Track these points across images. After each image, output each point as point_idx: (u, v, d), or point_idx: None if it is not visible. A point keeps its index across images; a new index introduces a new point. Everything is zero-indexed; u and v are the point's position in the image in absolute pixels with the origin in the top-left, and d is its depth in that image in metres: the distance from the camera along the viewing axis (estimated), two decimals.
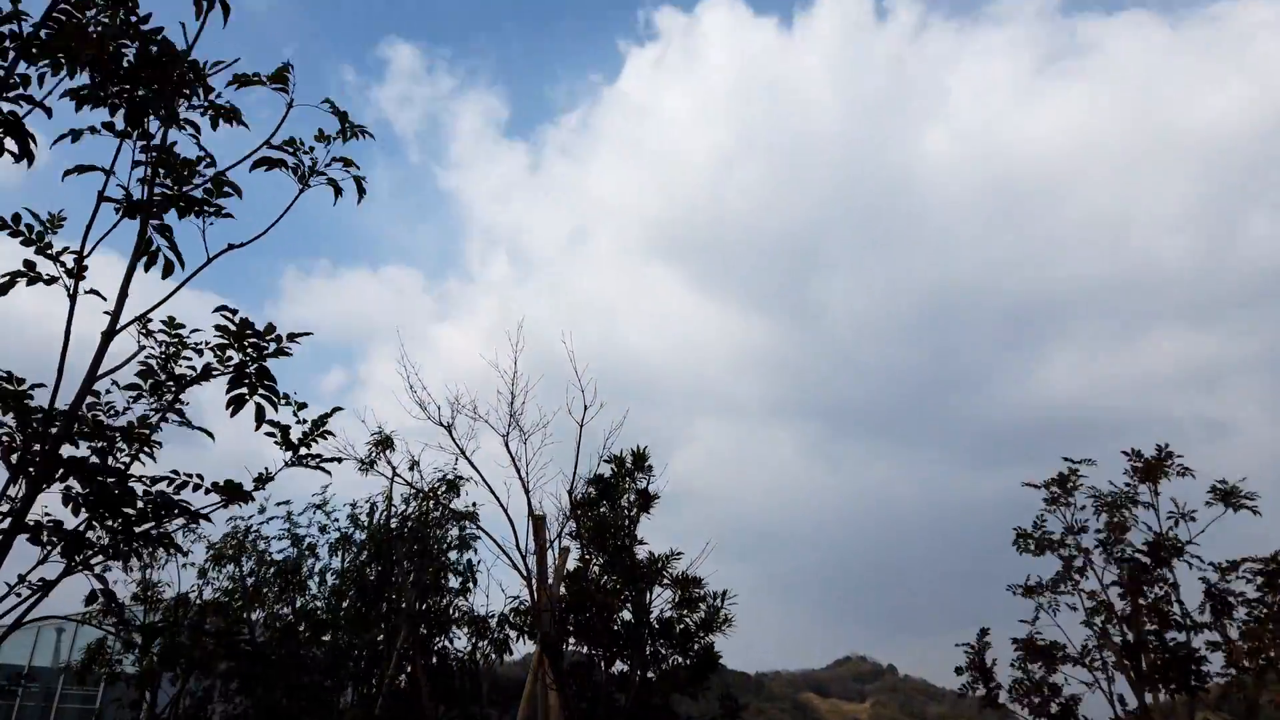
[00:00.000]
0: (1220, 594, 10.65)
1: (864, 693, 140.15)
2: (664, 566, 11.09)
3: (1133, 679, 10.81)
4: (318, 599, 13.16)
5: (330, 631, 12.81)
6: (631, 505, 11.51)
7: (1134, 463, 11.41)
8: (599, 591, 10.93)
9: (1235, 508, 10.69)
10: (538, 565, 10.80)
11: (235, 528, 13.10)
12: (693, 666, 10.73)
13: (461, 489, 12.88)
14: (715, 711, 11.14)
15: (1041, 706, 11.27)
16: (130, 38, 3.79)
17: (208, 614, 11.98)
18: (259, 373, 4.11)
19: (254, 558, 13.05)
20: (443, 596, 12.85)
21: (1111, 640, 11.09)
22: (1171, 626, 10.80)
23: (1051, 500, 12.06)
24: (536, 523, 10.92)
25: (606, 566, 11.20)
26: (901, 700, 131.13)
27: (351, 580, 12.81)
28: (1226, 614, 10.55)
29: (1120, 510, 11.43)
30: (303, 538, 13.23)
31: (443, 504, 12.80)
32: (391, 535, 12.77)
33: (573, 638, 11.21)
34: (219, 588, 13.00)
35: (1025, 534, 12.18)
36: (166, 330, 4.25)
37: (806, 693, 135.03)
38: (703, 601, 11.04)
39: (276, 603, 12.94)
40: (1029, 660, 11.62)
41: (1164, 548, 10.91)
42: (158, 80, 3.78)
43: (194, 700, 11.89)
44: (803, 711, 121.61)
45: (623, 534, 11.28)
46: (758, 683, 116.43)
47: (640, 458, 11.64)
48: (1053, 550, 11.89)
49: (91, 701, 21.07)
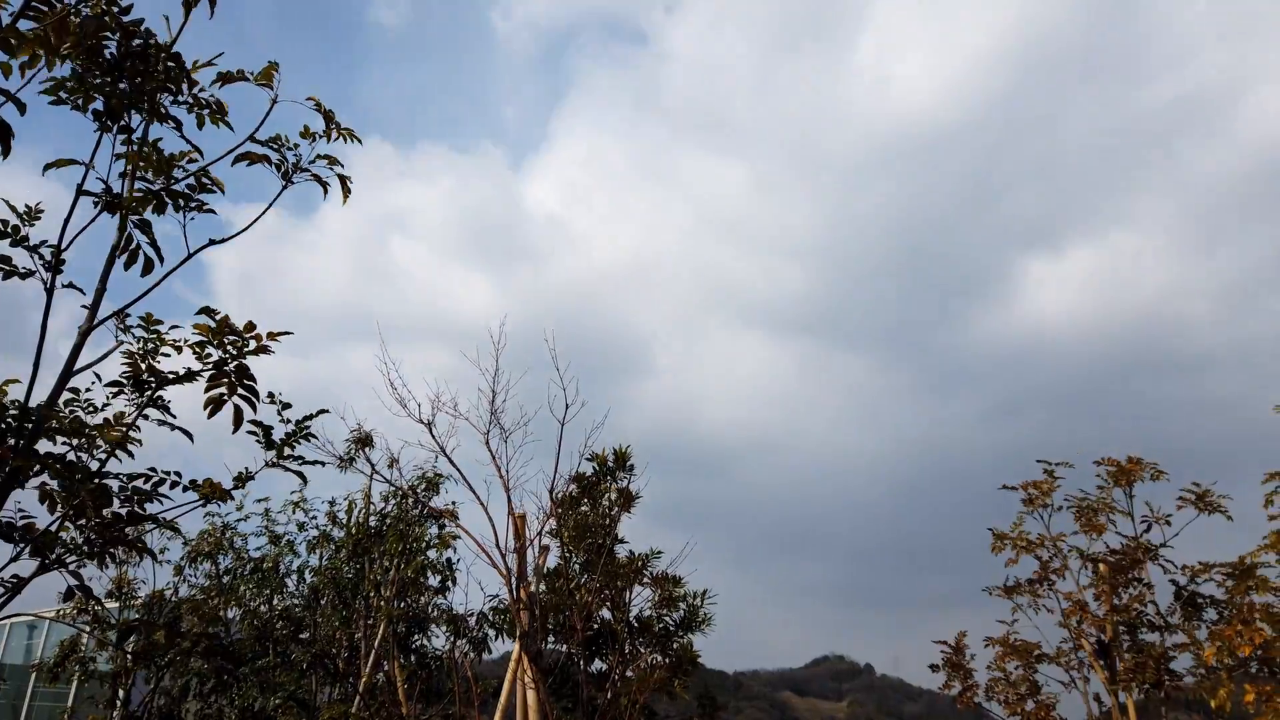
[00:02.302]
0: (1189, 595, 10.78)
1: (841, 692, 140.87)
2: (644, 565, 11.12)
3: (1105, 679, 10.93)
4: (295, 597, 13.09)
5: (308, 629, 12.74)
6: (613, 504, 11.52)
7: (1108, 466, 11.53)
8: (579, 590, 10.94)
9: (1209, 511, 10.82)
10: (517, 564, 10.76)
11: (212, 524, 13.02)
12: (671, 665, 10.76)
13: (441, 487, 12.85)
14: (694, 710, 11.17)
15: (1018, 705, 11.36)
16: (112, 29, 3.74)
17: (183, 611, 11.87)
18: (238, 370, 4.07)
19: (231, 555, 12.96)
20: (421, 595, 12.80)
21: (1086, 640, 11.20)
22: (1145, 627, 10.92)
23: (1029, 502, 12.16)
24: (517, 521, 10.88)
25: (586, 565, 11.19)
26: (878, 699, 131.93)
27: (330, 578, 12.74)
28: (1196, 615, 10.68)
29: (1097, 515, 11.54)
30: (281, 535, 13.16)
31: (422, 502, 12.74)
32: (370, 533, 12.70)
33: (552, 636, 11.20)
34: (195, 585, 12.90)
35: (1002, 535, 12.27)
36: (145, 326, 4.21)
37: (784, 692, 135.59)
38: (682, 601, 11.08)
39: (253, 600, 12.85)
40: (1006, 659, 11.71)
41: (1138, 550, 11.03)
42: (140, 74, 3.74)
43: (168, 699, 11.78)
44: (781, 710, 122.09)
45: (603, 533, 11.29)
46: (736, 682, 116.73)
47: (622, 457, 11.66)
48: (1028, 552, 11.99)
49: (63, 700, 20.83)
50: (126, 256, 3.86)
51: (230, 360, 4.05)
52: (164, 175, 3.91)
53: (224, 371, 4.05)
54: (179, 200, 3.95)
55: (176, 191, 3.94)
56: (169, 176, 3.91)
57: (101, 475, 3.93)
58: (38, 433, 3.68)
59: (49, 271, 3.84)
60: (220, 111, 4.05)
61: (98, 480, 3.85)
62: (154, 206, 3.91)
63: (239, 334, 4.03)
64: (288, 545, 13.08)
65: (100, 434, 4.13)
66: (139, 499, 4.05)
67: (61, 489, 3.74)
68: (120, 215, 3.85)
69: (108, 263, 3.87)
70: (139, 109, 3.80)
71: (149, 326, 4.16)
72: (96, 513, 3.85)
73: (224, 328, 4.00)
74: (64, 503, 3.76)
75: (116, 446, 4.15)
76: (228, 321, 4.01)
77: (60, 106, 3.77)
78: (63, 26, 3.45)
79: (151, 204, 3.89)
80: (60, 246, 3.84)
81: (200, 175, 3.98)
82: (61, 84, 3.71)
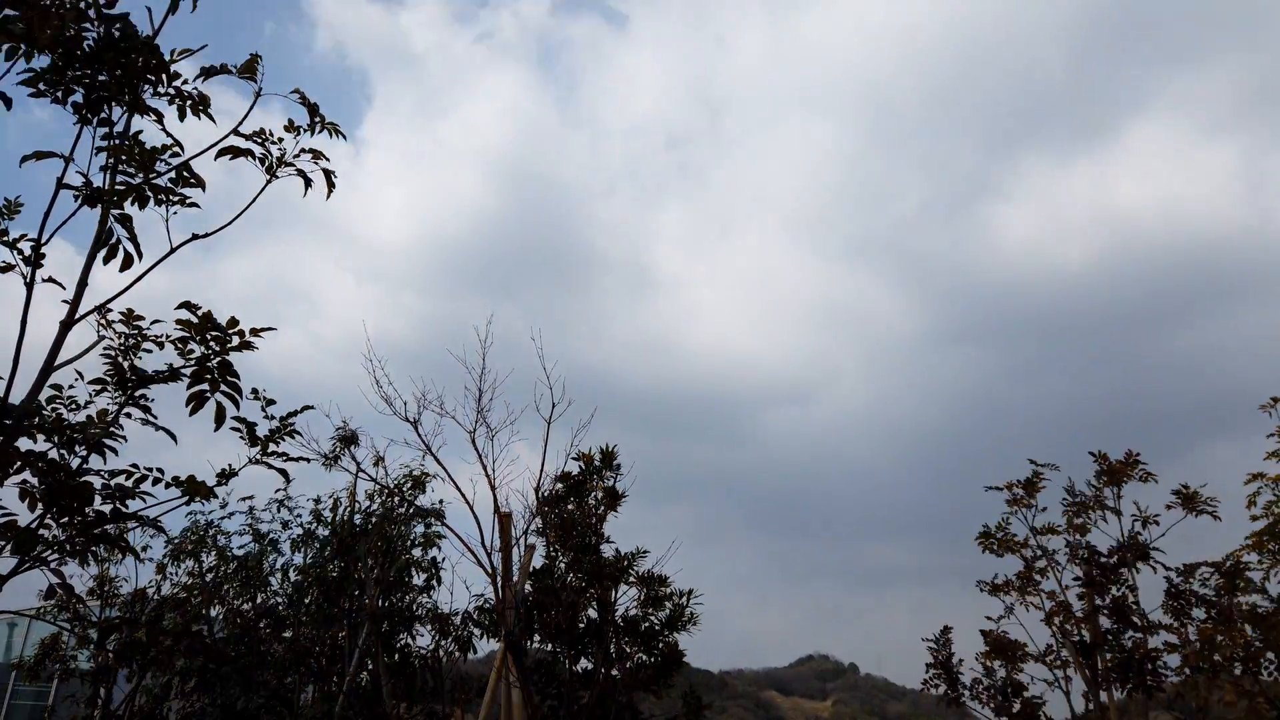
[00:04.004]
0: (1180, 594, 10.85)
1: (826, 691, 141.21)
2: (630, 565, 11.10)
3: (1089, 678, 10.98)
4: (279, 595, 13.00)
5: (291, 628, 12.65)
6: (599, 503, 11.50)
7: (1099, 466, 11.58)
8: (564, 589, 10.91)
9: (1196, 512, 10.90)
10: (503, 563, 10.73)
11: (195, 522, 12.91)
12: (657, 664, 10.75)
13: (427, 485, 12.79)
14: (679, 709, 11.16)
15: (1003, 705, 11.40)
16: (93, 20, 3.69)
17: (166, 610, 11.77)
18: (221, 367, 4.03)
19: (214, 553, 12.86)
20: (406, 593, 12.74)
21: (1070, 640, 11.25)
22: (1130, 627, 10.98)
23: (1014, 501, 12.22)
24: (502, 520, 10.85)
25: (572, 564, 11.17)
26: (863, 698, 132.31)
27: (314, 577, 12.66)
28: (1185, 614, 10.75)
29: (1088, 512, 11.60)
30: (265, 533, 13.07)
31: (408, 500, 12.68)
32: (355, 531, 12.63)
33: (537, 635, 11.18)
34: (178, 583, 12.80)
35: (989, 534, 12.33)
36: (126, 322, 4.16)
37: (769, 691, 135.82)
38: (668, 600, 11.06)
39: (237, 599, 12.76)
40: (991, 658, 11.76)
41: (1127, 549, 11.08)
42: (121, 66, 3.69)
43: (150, 698, 11.68)
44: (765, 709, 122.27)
45: (589, 532, 11.27)
46: (721, 681, 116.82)
47: (608, 456, 11.65)
48: (1014, 551, 12.05)
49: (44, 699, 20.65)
50: (106, 251, 3.81)
51: (213, 357, 4.01)
52: (146, 169, 3.86)
53: (206, 368, 4.01)
54: (160, 194, 3.90)
55: (158, 186, 3.89)
56: (151, 170, 3.87)
57: (83, 473, 3.88)
58: (18, 430, 3.63)
59: (29, 266, 3.78)
60: (202, 103, 4.00)
61: (79, 478, 3.81)
62: (135, 200, 3.86)
63: (221, 330, 3.99)
64: (271, 544, 12.99)
65: (82, 431, 4.08)
66: (121, 496, 4.00)
67: (42, 486, 3.69)
68: (101, 209, 3.80)
69: (89, 257, 3.83)
70: (119, 101, 3.75)
71: (130, 322, 4.11)
72: (78, 510, 3.80)
73: (206, 323, 3.96)
74: (45, 500, 3.71)
75: (98, 444, 4.11)
76: (210, 317, 3.97)
77: (40, 99, 3.72)
78: (44, 17, 3.40)
79: (132, 197, 3.84)
80: (40, 240, 3.79)
81: (181, 169, 3.94)
82: (41, 75, 3.66)
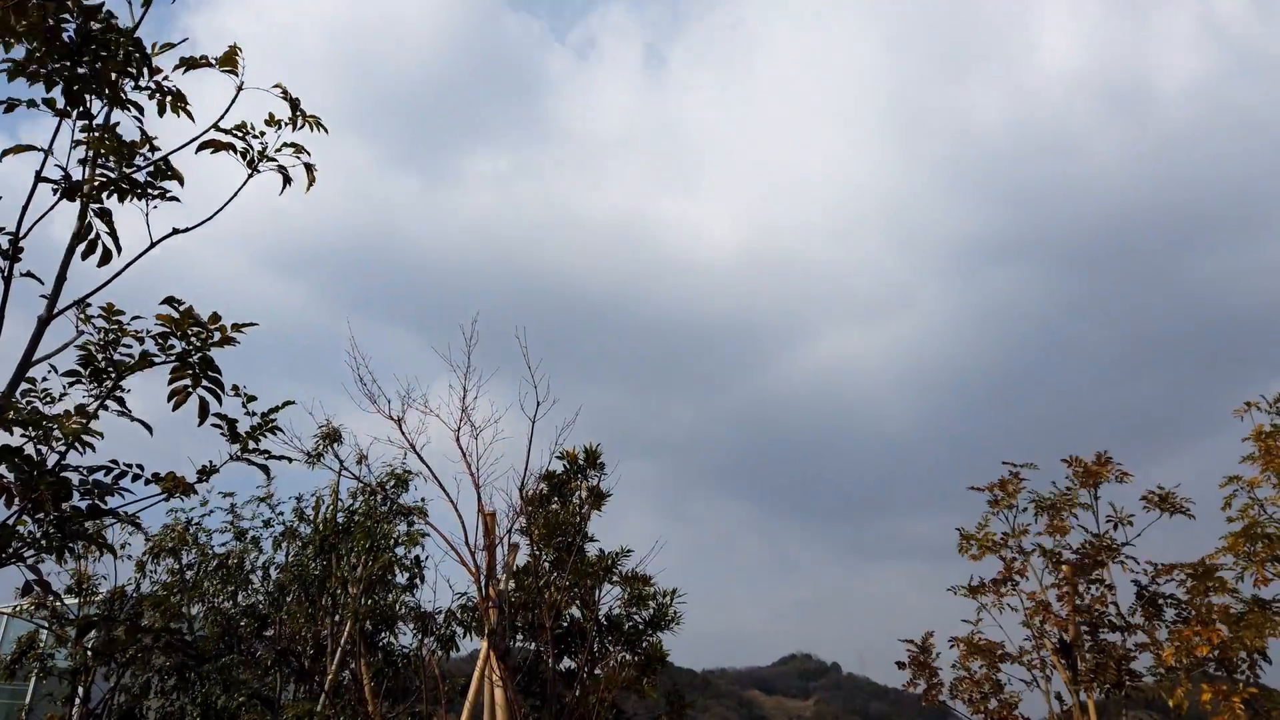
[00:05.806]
0: (1151, 595, 10.94)
1: (808, 690, 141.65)
2: (614, 564, 11.11)
3: (1067, 678, 11.06)
4: (260, 593, 12.93)
5: (273, 627, 12.59)
6: (583, 503, 11.50)
7: (1075, 467, 11.68)
8: (548, 588, 10.90)
9: (1171, 512, 11.00)
10: (486, 561, 10.70)
11: (175, 519, 12.83)
12: (640, 664, 10.76)
13: (411, 484, 12.75)
14: (662, 708, 11.18)
15: (982, 703, 11.48)
16: (71, 12, 3.66)
17: (145, 608, 11.68)
18: (203, 362, 4.00)
19: (194, 550, 12.78)
20: (389, 592, 12.69)
21: (1048, 640, 11.33)
22: (1106, 627, 11.06)
23: (994, 503, 12.29)
24: (486, 519, 10.82)
25: (556, 563, 11.16)
26: (845, 697, 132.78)
27: (295, 575, 12.60)
28: (1157, 615, 10.84)
29: (1060, 513, 11.68)
30: (246, 531, 12.99)
31: (391, 499, 12.64)
32: (338, 529, 12.57)
33: (520, 634, 11.15)
34: (158, 581, 12.71)
35: (968, 535, 12.39)
36: (105, 316, 4.12)
37: (752, 690, 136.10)
38: (652, 599, 11.08)
39: (217, 596, 12.68)
40: (970, 658, 11.83)
41: (1101, 550, 11.17)
42: (100, 58, 3.66)
43: (129, 696, 11.59)
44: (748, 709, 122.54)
45: (573, 531, 11.26)
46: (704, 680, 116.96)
47: (593, 455, 11.64)
48: (993, 552, 12.12)
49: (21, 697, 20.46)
50: (85, 245, 3.78)
51: (195, 352, 3.98)
52: (124, 162, 3.83)
53: (188, 363, 3.98)
54: (139, 188, 3.87)
55: (136, 180, 3.87)
56: (129, 163, 3.84)
57: (60, 468, 3.85)
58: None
59: (6, 260, 3.75)
60: (180, 99, 3.97)
61: (57, 473, 3.77)
62: (115, 194, 3.83)
63: (203, 325, 3.96)
64: (253, 541, 12.92)
65: (59, 425, 4.04)
66: (99, 492, 3.97)
67: (19, 482, 3.66)
68: (80, 202, 3.77)
69: (68, 251, 3.80)
70: (99, 94, 3.72)
71: (110, 317, 4.08)
72: (55, 506, 3.77)
73: (188, 319, 3.93)
74: (21, 496, 3.68)
75: (76, 438, 4.07)
76: (192, 312, 3.94)
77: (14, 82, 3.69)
78: (21, 7, 3.37)
79: (110, 190, 3.81)
80: (18, 234, 3.75)
81: (160, 163, 3.91)
82: (21, 66, 3.62)
